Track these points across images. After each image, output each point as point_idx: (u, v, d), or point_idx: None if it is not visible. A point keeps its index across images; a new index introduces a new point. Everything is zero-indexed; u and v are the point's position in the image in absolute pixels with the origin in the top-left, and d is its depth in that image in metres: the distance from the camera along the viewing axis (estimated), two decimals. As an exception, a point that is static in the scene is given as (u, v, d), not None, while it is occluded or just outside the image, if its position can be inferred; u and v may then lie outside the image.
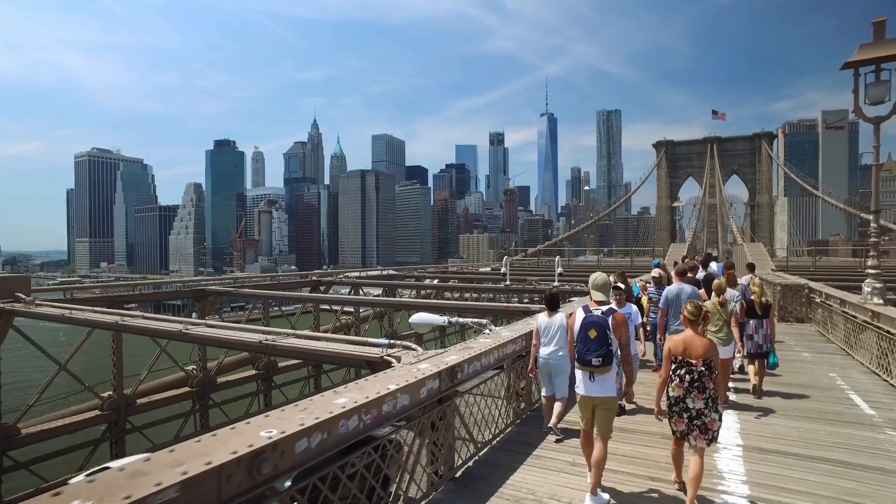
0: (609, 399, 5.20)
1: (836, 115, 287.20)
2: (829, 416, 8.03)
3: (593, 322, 5.18)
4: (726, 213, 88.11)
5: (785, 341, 13.84)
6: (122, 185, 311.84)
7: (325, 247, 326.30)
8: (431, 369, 5.11)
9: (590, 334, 5.14)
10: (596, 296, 5.39)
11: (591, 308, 5.32)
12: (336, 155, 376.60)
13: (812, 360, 12.00)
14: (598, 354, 5.07)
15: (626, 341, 5.29)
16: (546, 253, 64.10)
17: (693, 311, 5.24)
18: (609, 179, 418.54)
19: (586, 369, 5.17)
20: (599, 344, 5.08)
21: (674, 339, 5.26)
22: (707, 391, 5.00)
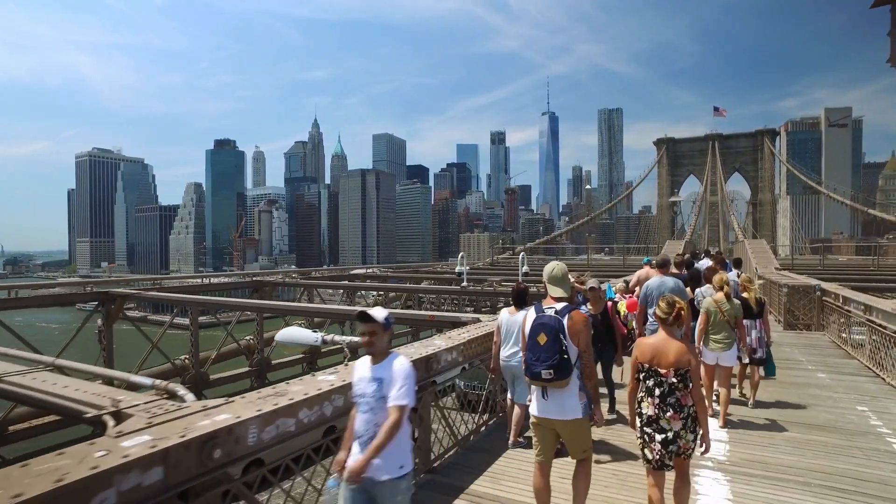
0: (572, 424, 4.15)
1: (840, 113, 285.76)
2: (873, 484, 5.38)
3: (544, 324, 4.12)
4: (728, 209, 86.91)
5: (794, 356, 11.96)
6: (123, 185, 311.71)
7: (326, 246, 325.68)
8: None
9: (539, 340, 4.09)
10: (552, 291, 4.33)
11: (544, 307, 4.29)
12: (337, 154, 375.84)
13: (831, 385, 9.50)
14: (548, 365, 4.00)
15: (585, 347, 4.15)
16: (533, 251, 61.29)
17: (665, 307, 4.25)
18: (610, 178, 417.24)
19: (538, 383, 4.16)
20: (551, 352, 4.02)
21: (641, 344, 4.37)
22: (685, 409, 4.04)
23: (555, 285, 4.32)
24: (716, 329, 7.19)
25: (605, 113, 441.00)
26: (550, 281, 4.36)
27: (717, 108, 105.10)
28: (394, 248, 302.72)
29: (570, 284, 4.73)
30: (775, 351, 10.83)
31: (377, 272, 35.80)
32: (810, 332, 14.96)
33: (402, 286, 28.25)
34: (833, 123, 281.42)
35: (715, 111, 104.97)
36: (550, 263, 4.49)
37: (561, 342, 4.00)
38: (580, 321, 4.11)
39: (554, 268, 4.40)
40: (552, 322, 4.09)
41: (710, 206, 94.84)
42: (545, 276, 4.42)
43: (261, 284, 23.86)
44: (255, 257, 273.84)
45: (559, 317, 4.09)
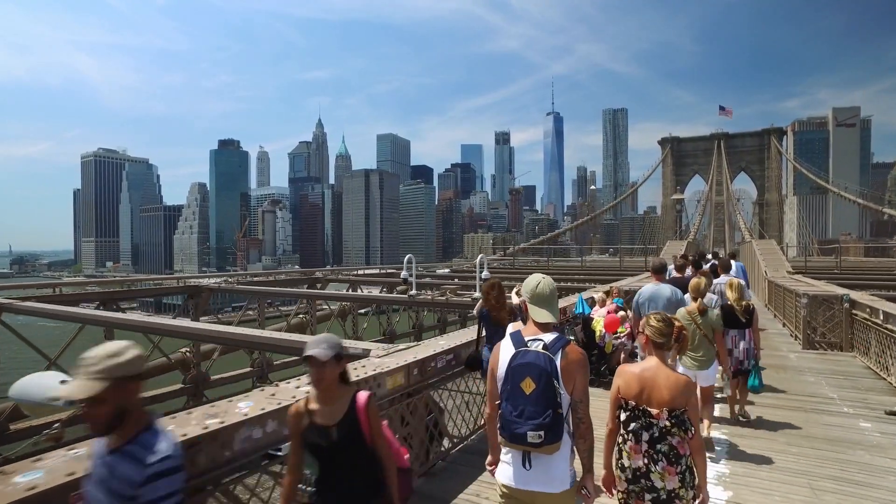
0: (558, 498, 2.93)
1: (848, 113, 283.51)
2: None
3: (530, 365, 2.88)
4: (734, 208, 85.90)
5: (821, 389, 8.93)
6: (128, 185, 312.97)
7: (329, 247, 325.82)
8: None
9: (523, 387, 2.87)
10: (537, 314, 3.06)
11: (525, 338, 3.00)
12: (341, 154, 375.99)
13: (883, 445, 6.34)
14: (537, 424, 2.79)
15: (582, 395, 2.94)
16: (526, 252, 58.83)
17: (659, 326, 3.32)
18: (615, 179, 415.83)
19: (518, 448, 2.91)
20: (541, 405, 2.81)
21: (625, 373, 3.34)
22: (682, 461, 3.13)
23: (541, 307, 3.05)
24: (692, 345, 6.18)
25: (610, 113, 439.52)
26: (535, 301, 3.08)
27: (722, 108, 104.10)
28: (398, 249, 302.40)
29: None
30: (793, 377, 9.68)
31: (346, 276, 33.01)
32: (837, 354, 12.03)
33: (341, 294, 25.65)
34: (841, 123, 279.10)
35: (720, 110, 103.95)
36: (534, 276, 3.21)
37: (554, 390, 2.80)
38: (577, 359, 2.91)
39: (539, 282, 3.11)
40: (542, 361, 2.84)
41: (715, 206, 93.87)
42: (526, 292, 3.14)
43: (196, 290, 20.91)
44: (259, 257, 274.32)
45: (550, 354, 2.86)
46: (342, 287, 29.10)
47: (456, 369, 5.60)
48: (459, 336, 5.86)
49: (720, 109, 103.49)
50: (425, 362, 4.89)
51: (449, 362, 5.31)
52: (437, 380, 5.33)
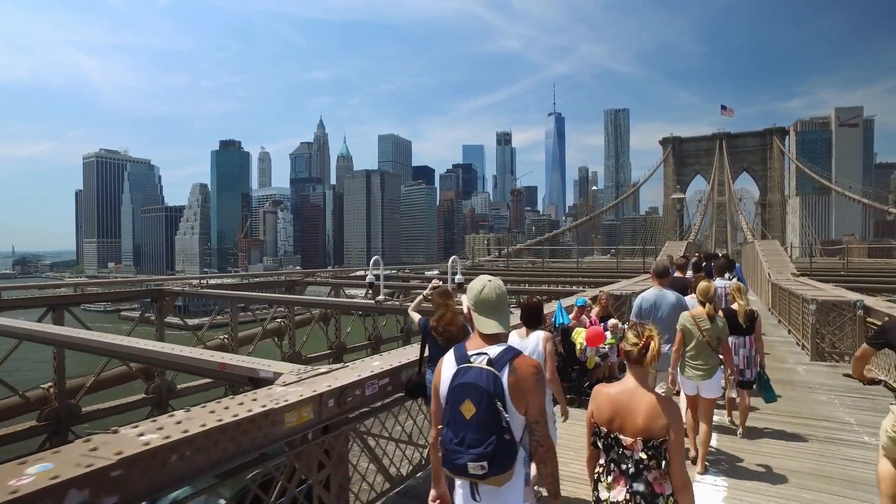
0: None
1: (851, 112, 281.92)
2: None
3: (470, 386, 2.47)
4: (736, 208, 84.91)
5: (835, 412, 7.85)
6: (130, 186, 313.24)
7: (331, 247, 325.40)
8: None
9: (463, 411, 2.47)
10: (483, 325, 2.64)
11: (468, 352, 2.59)
12: (342, 155, 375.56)
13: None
14: (479, 454, 2.39)
15: (539, 415, 2.52)
16: (522, 252, 57.20)
17: (631, 337, 2.83)
18: (617, 179, 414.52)
19: (464, 479, 2.56)
20: (484, 430, 2.42)
21: (598, 394, 2.87)
22: (659, 501, 2.64)
23: (487, 315, 2.63)
24: (694, 352, 5.71)
25: (612, 113, 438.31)
26: (479, 307, 2.66)
27: (724, 107, 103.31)
28: (399, 250, 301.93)
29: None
30: (802, 395, 8.73)
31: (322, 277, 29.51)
32: (850, 366, 11.22)
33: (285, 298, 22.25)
34: (844, 123, 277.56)
35: (722, 110, 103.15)
36: (479, 279, 2.76)
37: (499, 414, 2.40)
38: (529, 374, 2.48)
39: (484, 287, 2.68)
40: (484, 380, 2.43)
41: (717, 206, 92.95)
42: (470, 298, 2.72)
43: (160, 294, 18.36)
44: (260, 258, 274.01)
45: (495, 370, 2.46)
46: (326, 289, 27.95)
47: (394, 396, 4.73)
48: (399, 355, 4.96)
49: (722, 109, 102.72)
50: (346, 390, 3.99)
51: (384, 388, 4.44)
52: (366, 410, 4.47)
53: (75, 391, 14.76)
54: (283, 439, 3.42)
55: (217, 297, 19.15)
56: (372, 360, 4.84)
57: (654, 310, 6.16)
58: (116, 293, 20.51)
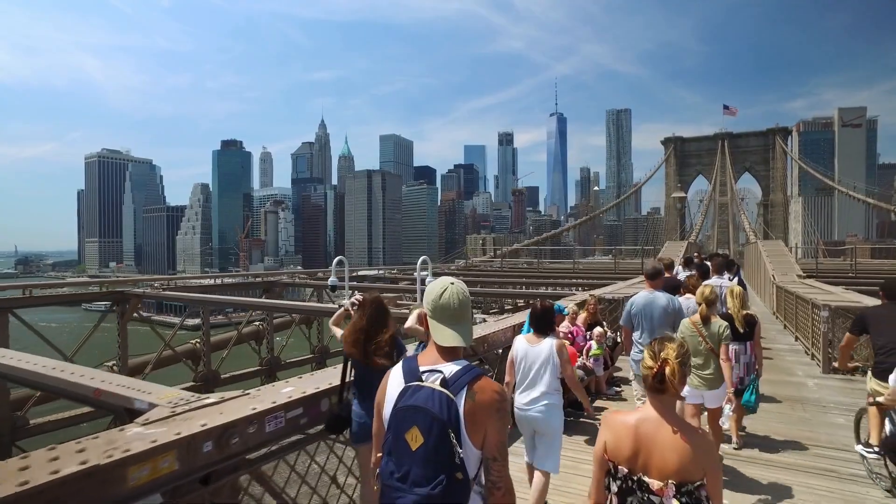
0: None
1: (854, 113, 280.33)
2: None
3: (417, 410, 2.01)
4: (738, 208, 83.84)
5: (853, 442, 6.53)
6: (131, 186, 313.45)
7: (332, 248, 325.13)
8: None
9: (409, 440, 2.00)
10: (440, 335, 2.16)
11: (421, 368, 2.13)
12: (344, 155, 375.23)
13: None
14: (424, 496, 1.95)
15: (498, 451, 2.05)
16: (513, 252, 55.12)
17: (648, 362, 2.28)
18: (619, 179, 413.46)
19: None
20: (431, 467, 1.96)
21: (614, 423, 2.32)
22: None
23: (446, 324, 2.14)
24: (698, 361, 5.32)
25: (613, 114, 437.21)
26: (437, 314, 2.17)
27: (727, 107, 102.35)
28: (400, 250, 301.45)
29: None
30: (815, 416, 7.69)
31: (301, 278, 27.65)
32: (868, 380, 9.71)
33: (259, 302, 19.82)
34: (847, 123, 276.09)
35: (725, 109, 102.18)
36: (440, 281, 2.25)
37: (451, 447, 1.93)
38: (490, 400, 2.01)
39: (444, 290, 2.18)
40: (435, 405, 1.97)
41: (719, 206, 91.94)
42: (427, 303, 2.22)
43: (123, 297, 17.33)
44: (262, 258, 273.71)
45: (450, 393, 1.99)
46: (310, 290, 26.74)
47: (309, 431, 3.86)
48: (318, 380, 4.05)
49: (725, 108, 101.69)
50: (232, 429, 3.05)
51: (294, 421, 3.56)
52: (265, 452, 3.55)
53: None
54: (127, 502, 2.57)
55: (182, 300, 17.82)
56: (283, 385, 3.96)
57: (644, 313, 5.81)
58: (72, 296, 18.51)
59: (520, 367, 4.58)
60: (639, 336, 5.86)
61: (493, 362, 7.23)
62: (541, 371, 4.46)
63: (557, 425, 4.50)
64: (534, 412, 4.41)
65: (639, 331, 5.86)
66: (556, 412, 4.48)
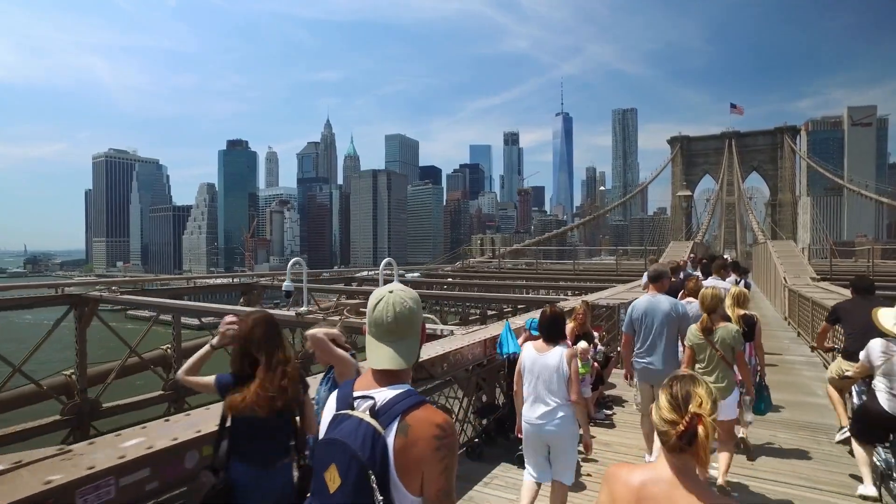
0: None
1: (864, 112, 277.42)
2: None
3: (335, 445, 1.66)
4: (746, 207, 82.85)
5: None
6: (138, 186, 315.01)
7: (337, 247, 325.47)
8: None
9: (327, 480, 1.65)
10: (376, 357, 1.77)
11: (354, 393, 1.76)
12: (349, 155, 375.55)
13: None
14: None
15: (439, 499, 1.62)
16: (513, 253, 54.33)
17: (668, 414, 1.75)
18: (625, 179, 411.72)
19: None
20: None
21: (617, 481, 1.84)
22: None
23: (382, 340, 1.79)
24: (708, 369, 5.00)
25: (619, 113, 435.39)
26: (372, 329, 1.82)
27: (733, 105, 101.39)
28: (405, 249, 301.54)
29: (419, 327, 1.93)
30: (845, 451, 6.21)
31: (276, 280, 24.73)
32: None
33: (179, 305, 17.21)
34: (856, 122, 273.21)
35: (731, 108, 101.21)
36: (379, 290, 1.88)
37: (371, 493, 1.58)
38: (427, 435, 1.63)
39: (380, 300, 1.82)
40: (358, 440, 1.63)
41: (726, 206, 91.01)
42: (369, 317, 1.84)
43: (80, 301, 16.03)
44: (267, 258, 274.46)
45: (379, 426, 1.64)
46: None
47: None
48: (187, 426, 3.04)
49: (731, 107, 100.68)
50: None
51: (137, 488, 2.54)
52: None
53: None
54: None
55: (143, 304, 16.58)
56: (122, 439, 2.84)
57: (645, 319, 5.45)
58: (24, 300, 15.83)
59: (528, 378, 4.29)
60: (639, 345, 5.48)
61: (464, 383, 6.54)
62: (552, 382, 4.17)
63: (573, 437, 4.27)
64: (549, 426, 4.13)
65: (639, 337, 5.49)
66: (570, 424, 4.21)
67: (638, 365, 5.51)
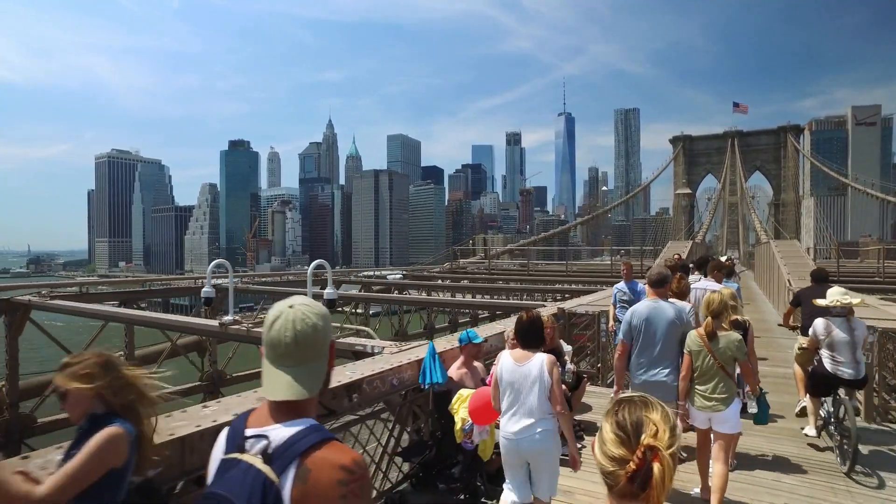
0: None
1: (868, 111, 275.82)
2: None
3: (218, 501, 1.32)
4: (749, 206, 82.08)
5: None
6: (140, 186, 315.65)
7: (339, 247, 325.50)
8: None
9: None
10: (269, 383, 1.46)
11: (248, 430, 1.43)
12: (351, 155, 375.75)
13: None
14: None
15: None
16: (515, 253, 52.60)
17: (614, 448, 1.31)
18: (627, 179, 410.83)
19: None
20: None
21: None
22: None
23: (278, 365, 1.47)
24: (705, 378, 4.66)
25: (622, 113, 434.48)
26: (268, 352, 1.50)
27: (736, 104, 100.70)
28: (407, 250, 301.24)
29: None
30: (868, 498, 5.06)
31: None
32: None
33: None
34: (860, 122, 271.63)
35: (735, 107, 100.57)
36: (277, 305, 1.54)
37: None
38: (329, 482, 1.31)
39: (278, 317, 1.49)
40: (245, 491, 1.30)
41: (728, 206, 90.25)
42: (265, 338, 1.51)
43: (11, 307, 15.30)
44: (269, 258, 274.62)
45: (272, 473, 1.32)
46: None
47: None
48: None
49: (734, 106, 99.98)
50: None
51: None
52: None
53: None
54: None
55: (74, 311, 14.82)
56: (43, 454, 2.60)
57: (646, 327, 4.98)
58: None
59: (506, 390, 3.92)
60: (638, 356, 5.00)
61: (396, 407, 5.36)
62: (531, 393, 3.81)
63: (555, 453, 3.94)
64: (528, 442, 3.79)
65: (639, 347, 5.00)
66: (552, 438, 3.86)
67: (637, 379, 5.01)
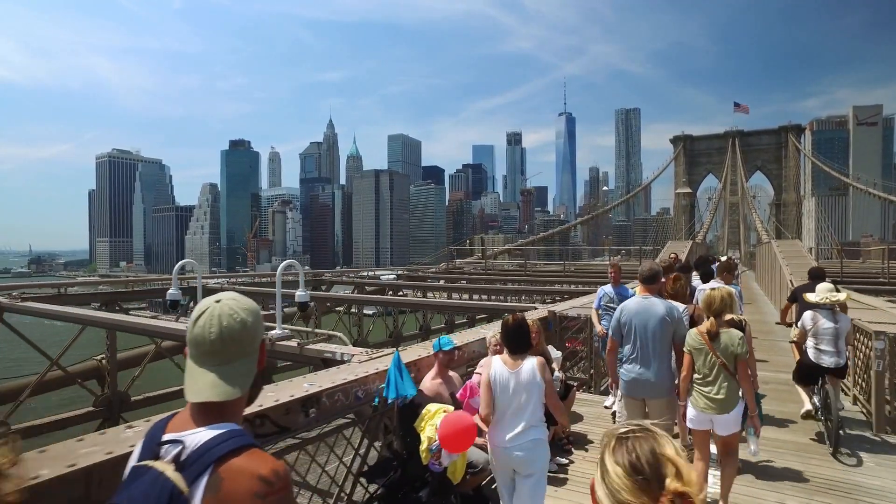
0: None
1: (870, 111, 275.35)
2: None
3: None
4: (750, 206, 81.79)
5: None
6: (141, 186, 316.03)
7: (339, 247, 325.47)
8: None
9: None
10: (191, 384, 1.35)
11: (165, 436, 1.31)
12: (352, 155, 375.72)
13: None
14: None
15: None
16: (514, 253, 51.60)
17: (624, 483, 1.10)
18: (628, 179, 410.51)
19: None
20: None
21: None
22: None
23: (202, 364, 1.36)
24: (708, 379, 4.52)
25: (623, 113, 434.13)
26: (193, 352, 1.38)
27: (737, 104, 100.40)
28: (407, 250, 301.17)
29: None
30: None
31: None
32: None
33: None
34: (862, 122, 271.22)
35: (735, 107, 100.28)
36: (204, 302, 1.42)
37: None
38: (245, 491, 1.18)
39: (202, 313, 1.39)
40: (149, 499, 1.17)
41: (729, 206, 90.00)
42: (189, 335, 1.39)
43: None
44: (269, 258, 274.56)
45: (181, 482, 1.18)
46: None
47: None
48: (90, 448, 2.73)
49: (735, 106, 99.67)
50: None
51: None
52: None
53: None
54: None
55: (45, 314, 14.23)
56: None
57: (636, 324, 4.86)
58: None
59: (498, 397, 3.74)
60: (629, 351, 4.87)
61: (365, 420, 4.76)
62: (524, 400, 3.68)
63: (544, 463, 3.77)
64: (517, 451, 3.63)
65: (629, 344, 4.88)
66: (542, 448, 3.73)
67: (626, 376, 4.88)
